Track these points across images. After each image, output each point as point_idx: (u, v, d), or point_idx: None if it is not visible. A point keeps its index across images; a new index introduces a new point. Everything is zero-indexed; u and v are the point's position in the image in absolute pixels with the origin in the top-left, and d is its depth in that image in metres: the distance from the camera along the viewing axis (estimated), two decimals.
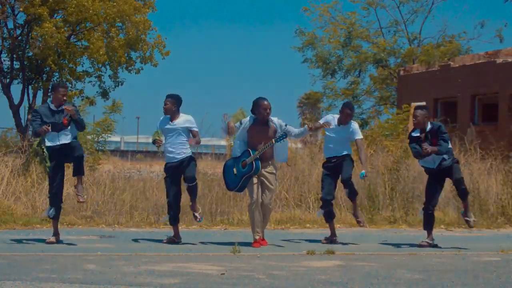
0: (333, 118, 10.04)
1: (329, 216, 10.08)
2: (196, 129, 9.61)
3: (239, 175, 9.41)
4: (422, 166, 10.03)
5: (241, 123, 9.53)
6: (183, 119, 9.54)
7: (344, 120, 9.98)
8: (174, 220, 9.57)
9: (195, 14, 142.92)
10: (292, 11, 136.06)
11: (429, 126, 9.74)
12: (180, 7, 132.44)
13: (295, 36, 32.99)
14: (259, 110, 9.40)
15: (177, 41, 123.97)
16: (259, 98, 9.49)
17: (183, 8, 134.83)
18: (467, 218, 9.92)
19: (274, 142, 9.36)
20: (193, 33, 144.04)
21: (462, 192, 9.89)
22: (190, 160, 9.53)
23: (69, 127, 9.14)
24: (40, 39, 18.68)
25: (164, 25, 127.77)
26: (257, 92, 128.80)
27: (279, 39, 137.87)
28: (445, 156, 9.72)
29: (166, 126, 9.54)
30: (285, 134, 9.49)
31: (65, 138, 9.13)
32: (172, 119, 9.52)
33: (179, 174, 9.53)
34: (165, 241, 9.56)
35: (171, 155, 9.49)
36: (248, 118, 9.55)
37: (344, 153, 9.96)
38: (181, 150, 9.48)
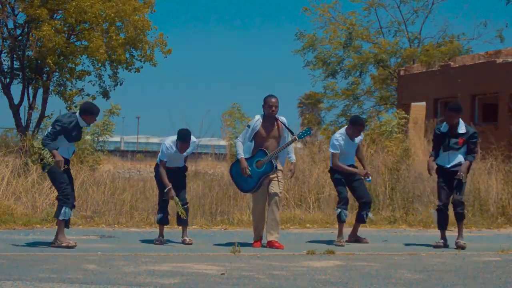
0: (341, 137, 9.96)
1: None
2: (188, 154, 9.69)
3: (256, 176, 9.22)
4: (436, 164, 9.99)
5: (249, 126, 9.31)
6: (191, 149, 9.55)
7: (356, 135, 9.98)
8: (167, 220, 9.60)
9: (196, 14, 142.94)
10: (293, 10, 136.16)
11: (463, 127, 9.73)
12: (181, 7, 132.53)
13: (295, 39, 33.09)
14: (265, 107, 9.30)
15: (178, 41, 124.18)
16: (268, 95, 9.38)
17: (184, 8, 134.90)
18: (458, 241, 9.73)
19: (297, 138, 9.27)
20: (194, 33, 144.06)
21: (458, 215, 9.75)
22: (185, 175, 9.65)
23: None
24: (38, 43, 18.70)
25: (165, 25, 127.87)
26: (257, 91, 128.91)
27: (280, 38, 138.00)
28: (463, 161, 9.70)
29: (174, 155, 9.46)
30: (309, 129, 9.47)
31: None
32: (182, 152, 9.50)
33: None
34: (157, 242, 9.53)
35: (170, 165, 9.51)
36: (256, 118, 9.34)
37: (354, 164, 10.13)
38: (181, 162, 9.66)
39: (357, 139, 10.05)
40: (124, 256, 8.18)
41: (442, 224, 9.92)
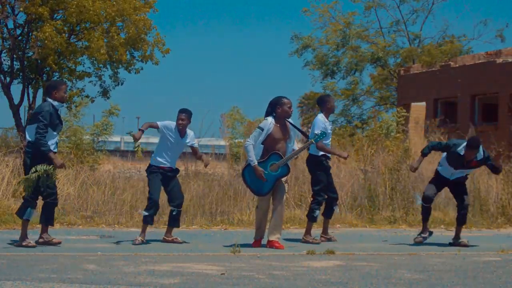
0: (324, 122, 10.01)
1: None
2: (196, 146, 9.63)
3: (272, 179, 9.14)
4: (438, 171, 10.11)
5: (262, 129, 9.13)
6: (190, 137, 9.55)
7: (330, 111, 10.14)
8: (152, 219, 9.49)
9: (196, 14, 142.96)
10: (293, 11, 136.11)
11: (481, 155, 9.83)
12: (181, 8, 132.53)
13: (291, 42, 33.13)
14: (284, 108, 9.19)
15: (178, 41, 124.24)
16: (280, 97, 9.29)
17: (184, 8, 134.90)
18: (462, 240, 9.97)
19: (314, 142, 9.33)
20: (194, 33, 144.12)
21: (462, 217, 10.04)
22: (177, 177, 9.62)
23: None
24: (39, 43, 18.70)
25: (165, 25, 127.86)
26: (257, 91, 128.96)
27: (279, 39, 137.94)
28: (465, 175, 10.09)
29: (175, 141, 9.42)
30: (324, 133, 9.49)
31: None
32: (182, 134, 9.45)
33: (165, 178, 9.46)
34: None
35: (164, 161, 9.42)
36: (269, 121, 9.18)
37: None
38: (175, 162, 9.59)
39: (331, 127, 10.14)
40: (124, 256, 8.18)
41: (425, 216, 10.12)
